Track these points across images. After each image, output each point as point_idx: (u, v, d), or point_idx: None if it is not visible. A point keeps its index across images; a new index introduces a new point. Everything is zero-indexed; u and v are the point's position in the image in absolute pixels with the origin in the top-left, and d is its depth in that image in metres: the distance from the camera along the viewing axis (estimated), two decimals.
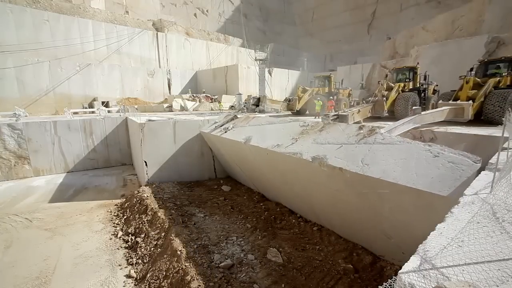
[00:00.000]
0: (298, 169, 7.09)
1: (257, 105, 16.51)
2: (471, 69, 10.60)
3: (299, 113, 15.06)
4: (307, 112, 15.38)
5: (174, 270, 5.92)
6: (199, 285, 5.25)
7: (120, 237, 8.19)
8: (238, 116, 11.31)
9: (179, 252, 6.30)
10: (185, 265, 5.84)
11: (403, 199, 4.63)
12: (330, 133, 6.84)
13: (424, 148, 4.81)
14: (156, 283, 5.96)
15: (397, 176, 4.59)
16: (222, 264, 5.98)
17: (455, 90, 10.48)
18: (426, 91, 12.38)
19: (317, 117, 12.56)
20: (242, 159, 10.16)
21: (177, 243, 6.63)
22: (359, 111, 10.14)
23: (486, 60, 10.94)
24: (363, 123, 9.93)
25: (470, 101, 9.03)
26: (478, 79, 10.02)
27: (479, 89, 9.58)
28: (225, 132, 10.24)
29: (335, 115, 8.97)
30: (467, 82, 9.94)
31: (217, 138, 10.67)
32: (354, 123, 9.69)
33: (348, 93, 17.00)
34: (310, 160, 6.19)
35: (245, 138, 9.00)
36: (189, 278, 5.43)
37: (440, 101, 10.30)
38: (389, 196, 4.82)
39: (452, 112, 9.07)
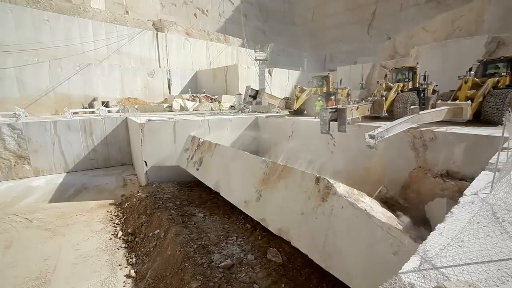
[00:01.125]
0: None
1: (255, 98, 16.30)
2: (470, 69, 10.58)
3: (296, 112, 15.02)
4: (305, 112, 15.35)
5: (174, 270, 5.93)
6: (199, 285, 5.25)
7: (120, 237, 8.19)
8: (202, 140, 10.60)
9: (178, 252, 6.30)
10: (185, 265, 5.84)
11: None
12: (288, 186, 6.15)
13: (383, 235, 4.25)
14: (156, 283, 5.97)
15: (360, 282, 4.31)
16: (222, 264, 5.97)
17: (454, 90, 10.47)
18: (426, 91, 12.35)
19: (316, 117, 12.52)
20: None
21: (177, 243, 6.63)
22: (358, 107, 10.14)
23: (485, 60, 10.92)
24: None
25: (469, 101, 9.01)
26: (477, 79, 10.00)
27: (478, 89, 9.57)
28: (197, 170, 10.01)
29: (333, 108, 8.86)
30: (465, 82, 9.93)
31: (193, 176, 10.47)
32: (352, 118, 9.70)
33: (346, 93, 17.01)
34: (277, 232, 5.97)
35: (214, 183, 8.89)
36: (189, 278, 5.44)
37: (439, 101, 10.29)
38: None
39: (451, 112, 9.05)
